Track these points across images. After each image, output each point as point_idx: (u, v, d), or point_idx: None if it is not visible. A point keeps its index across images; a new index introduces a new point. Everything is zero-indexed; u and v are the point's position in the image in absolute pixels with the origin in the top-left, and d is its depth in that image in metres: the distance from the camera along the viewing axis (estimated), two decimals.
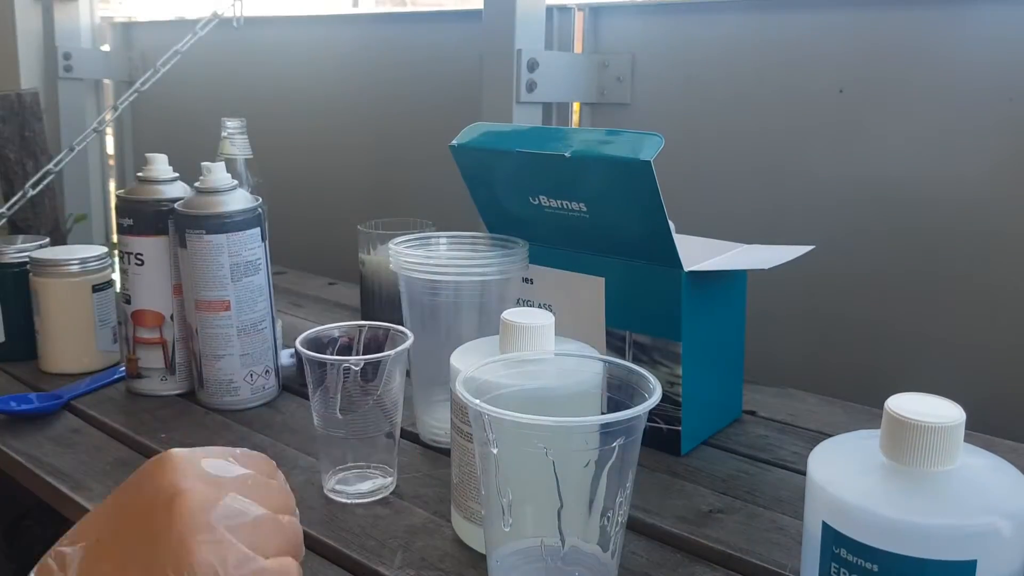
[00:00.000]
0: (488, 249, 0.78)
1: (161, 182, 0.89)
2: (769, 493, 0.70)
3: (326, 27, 1.70)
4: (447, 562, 0.60)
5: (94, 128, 1.31)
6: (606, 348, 0.78)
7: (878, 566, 0.40)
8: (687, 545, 0.63)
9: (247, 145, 1.06)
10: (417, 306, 0.76)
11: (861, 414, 0.86)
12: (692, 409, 0.76)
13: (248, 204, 0.85)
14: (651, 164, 0.68)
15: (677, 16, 1.22)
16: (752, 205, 1.16)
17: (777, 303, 1.12)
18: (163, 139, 1.90)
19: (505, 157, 0.77)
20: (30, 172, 1.47)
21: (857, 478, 0.43)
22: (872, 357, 1.09)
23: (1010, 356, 1.00)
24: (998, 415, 0.93)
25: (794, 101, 1.12)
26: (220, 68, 1.81)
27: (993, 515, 0.40)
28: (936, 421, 0.41)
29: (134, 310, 0.89)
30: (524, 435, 0.50)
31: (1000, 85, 0.97)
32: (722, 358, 0.81)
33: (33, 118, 1.53)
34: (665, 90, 1.23)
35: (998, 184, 0.99)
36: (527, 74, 1.20)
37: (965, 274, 1.02)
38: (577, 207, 0.75)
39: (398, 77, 1.53)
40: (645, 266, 0.74)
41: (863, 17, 1.06)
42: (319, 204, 1.69)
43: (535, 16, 1.22)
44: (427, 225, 1.10)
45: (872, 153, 1.06)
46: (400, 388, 0.70)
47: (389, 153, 1.57)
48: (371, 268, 1.11)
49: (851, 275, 1.09)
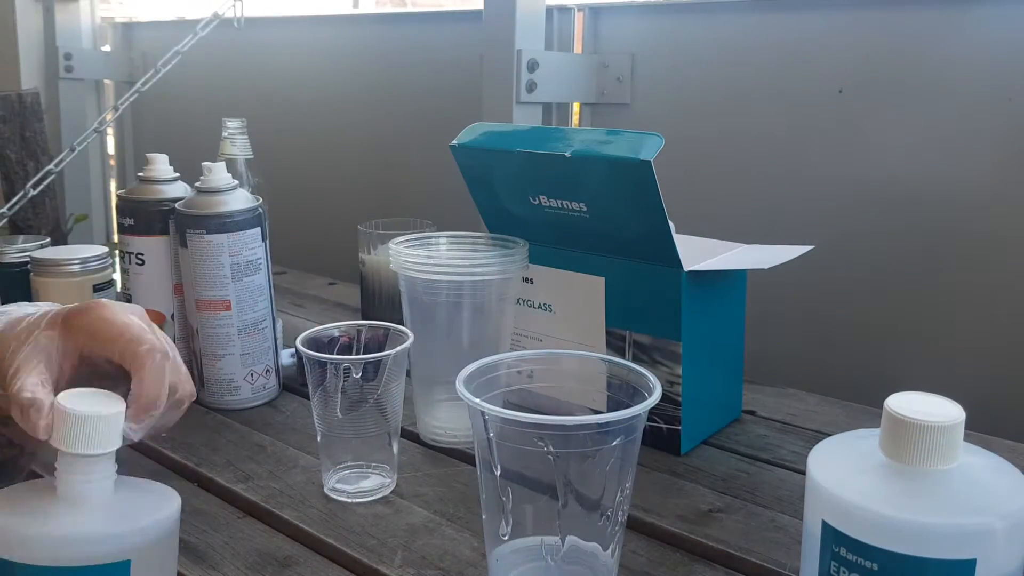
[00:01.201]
0: (488, 249, 0.79)
1: (162, 182, 0.89)
2: (769, 492, 0.70)
3: (326, 27, 1.70)
4: (447, 561, 0.60)
5: (95, 128, 1.31)
6: (606, 348, 0.78)
7: (878, 565, 0.40)
8: (687, 544, 0.63)
9: (248, 145, 1.06)
10: (417, 306, 0.76)
11: (861, 414, 0.86)
12: (692, 409, 0.76)
13: (249, 204, 0.85)
14: (651, 164, 0.68)
15: (677, 16, 1.22)
16: (752, 205, 1.17)
17: (777, 303, 1.12)
18: (164, 139, 1.91)
19: (505, 157, 0.77)
20: (31, 172, 1.47)
21: (857, 477, 0.43)
22: (872, 357, 1.09)
23: (1010, 356, 1.00)
24: (998, 415, 0.93)
25: (794, 101, 1.12)
26: (221, 68, 1.81)
27: (992, 514, 0.40)
28: (936, 420, 0.41)
29: None
30: (524, 434, 0.50)
31: (999, 85, 0.97)
32: (722, 358, 0.81)
33: (34, 118, 1.53)
34: (665, 90, 1.23)
35: (998, 184, 0.99)
36: (527, 74, 1.21)
37: (965, 273, 1.02)
38: (577, 207, 0.75)
39: (398, 77, 1.53)
40: (645, 266, 0.74)
41: (863, 17, 1.06)
42: (319, 204, 1.69)
43: (535, 16, 1.23)
44: (427, 225, 1.10)
45: (872, 153, 1.06)
46: (400, 388, 0.70)
47: (389, 153, 1.57)
48: (371, 268, 1.11)
49: (851, 275, 1.09)
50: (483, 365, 0.58)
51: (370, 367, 0.67)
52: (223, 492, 0.70)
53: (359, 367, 0.67)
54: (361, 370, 0.67)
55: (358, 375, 0.67)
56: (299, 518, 0.66)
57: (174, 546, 0.50)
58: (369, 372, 0.67)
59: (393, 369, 0.68)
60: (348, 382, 0.67)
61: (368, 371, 0.67)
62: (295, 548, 0.63)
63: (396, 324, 0.72)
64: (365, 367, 0.67)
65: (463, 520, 0.65)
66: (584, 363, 0.61)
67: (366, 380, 0.67)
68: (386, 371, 0.68)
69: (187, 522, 0.65)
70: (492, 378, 0.59)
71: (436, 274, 0.73)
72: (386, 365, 0.68)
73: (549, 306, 0.81)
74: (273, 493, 0.70)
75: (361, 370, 0.67)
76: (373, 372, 0.68)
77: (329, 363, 0.67)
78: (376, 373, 0.68)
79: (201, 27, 1.28)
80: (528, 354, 0.61)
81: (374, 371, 0.68)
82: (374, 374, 0.68)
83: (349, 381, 0.67)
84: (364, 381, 0.67)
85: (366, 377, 0.67)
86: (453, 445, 0.76)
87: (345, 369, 0.67)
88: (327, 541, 0.63)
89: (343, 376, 0.67)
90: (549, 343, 0.81)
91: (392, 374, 0.68)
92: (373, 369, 0.67)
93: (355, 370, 0.67)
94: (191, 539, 0.63)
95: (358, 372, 0.67)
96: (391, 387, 0.68)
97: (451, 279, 0.73)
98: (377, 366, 0.67)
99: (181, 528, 0.50)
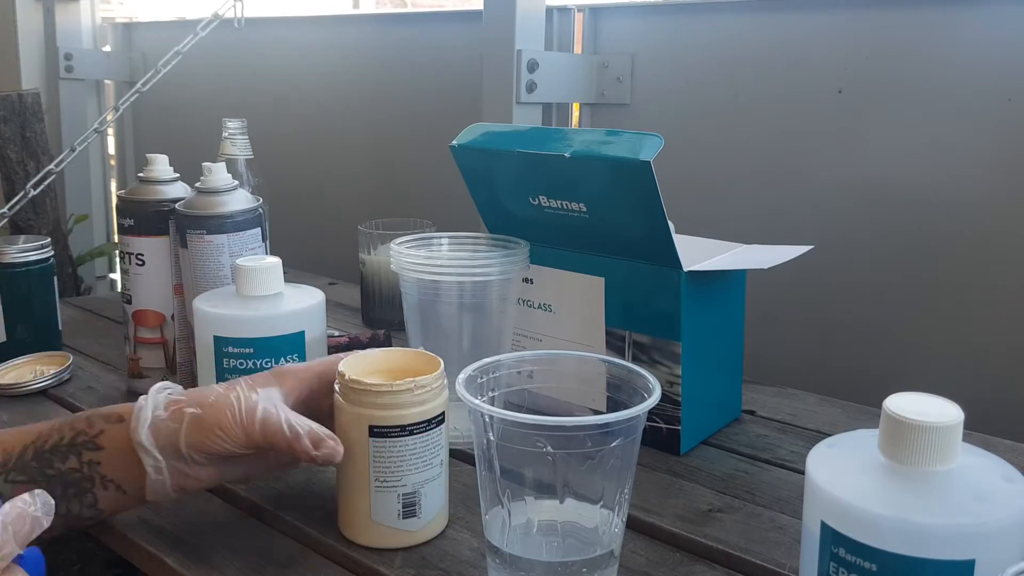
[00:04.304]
0: (489, 250, 0.79)
1: (162, 182, 0.89)
2: (768, 492, 0.70)
3: (326, 28, 1.70)
4: (447, 561, 0.60)
5: (95, 128, 1.31)
6: (606, 348, 0.78)
7: (877, 565, 0.41)
8: (686, 544, 0.63)
9: (248, 145, 1.06)
10: (418, 307, 0.76)
11: (860, 414, 0.86)
12: (691, 409, 0.76)
13: (249, 204, 0.85)
14: (651, 164, 0.68)
15: (677, 16, 1.22)
16: (751, 205, 1.17)
17: (776, 303, 1.12)
18: (164, 139, 1.91)
19: (505, 157, 0.77)
20: (31, 172, 1.47)
21: (856, 478, 0.43)
22: (871, 357, 1.09)
23: (1009, 356, 1.00)
24: (997, 415, 0.93)
25: (793, 102, 1.12)
26: (221, 69, 1.82)
27: (991, 515, 0.40)
28: (935, 421, 0.41)
29: (135, 310, 0.89)
30: (524, 435, 0.51)
31: (999, 86, 0.97)
32: (721, 358, 0.81)
33: (34, 118, 1.54)
34: (665, 90, 1.23)
35: (997, 184, 0.99)
36: (527, 75, 1.21)
37: (964, 274, 1.02)
38: (577, 207, 0.75)
39: (398, 78, 1.53)
40: (645, 266, 0.74)
41: (863, 18, 1.06)
42: (320, 204, 1.69)
43: (535, 17, 1.23)
44: (427, 225, 1.10)
45: (871, 153, 1.06)
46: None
47: (389, 153, 1.57)
48: (371, 268, 1.12)
49: (850, 275, 1.09)
50: (483, 366, 0.58)
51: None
52: (224, 493, 0.70)
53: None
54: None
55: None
56: (300, 519, 0.66)
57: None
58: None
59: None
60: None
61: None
62: (296, 549, 0.63)
63: (396, 324, 0.72)
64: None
65: (463, 520, 0.65)
66: (584, 364, 0.61)
67: None
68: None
69: (187, 523, 0.65)
70: (492, 379, 0.59)
71: (437, 275, 0.73)
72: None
73: (549, 306, 0.81)
74: (274, 494, 0.70)
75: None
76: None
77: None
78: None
79: (201, 27, 1.28)
80: (528, 355, 0.61)
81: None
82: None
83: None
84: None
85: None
86: (454, 445, 0.76)
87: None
88: (327, 542, 0.63)
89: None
90: (549, 343, 0.81)
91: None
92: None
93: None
94: (191, 539, 0.63)
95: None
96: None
97: (452, 280, 0.74)
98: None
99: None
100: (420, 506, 0.61)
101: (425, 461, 0.60)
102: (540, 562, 0.54)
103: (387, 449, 0.59)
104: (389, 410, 0.58)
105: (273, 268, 0.73)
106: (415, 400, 0.59)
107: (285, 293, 0.74)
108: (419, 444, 0.59)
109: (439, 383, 0.61)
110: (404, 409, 0.59)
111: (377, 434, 0.58)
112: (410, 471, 0.60)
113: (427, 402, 0.59)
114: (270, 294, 0.72)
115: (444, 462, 0.62)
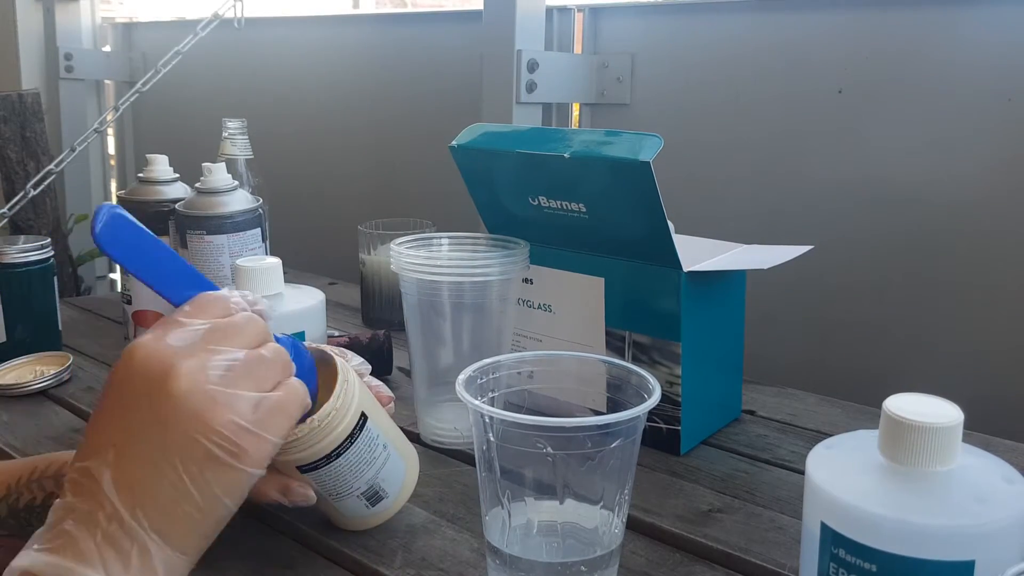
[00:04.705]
0: (489, 250, 0.79)
1: (162, 183, 0.89)
2: (768, 493, 0.70)
3: (326, 28, 1.70)
4: (447, 562, 0.60)
5: (95, 129, 1.31)
6: (606, 348, 0.78)
7: (876, 566, 0.41)
8: (686, 544, 0.63)
9: (248, 146, 1.06)
10: (418, 307, 0.76)
11: (860, 414, 0.86)
12: (691, 409, 0.76)
13: (249, 204, 0.86)
14: (650, 165, 0.68)
15: (677, 16, 1.22)
16: (751, 205, 1.17)
17: (776, 303, 1.12)
18: (164, 140, 1.91)
19: (505, 158, 0.77)
20: (31, 172, 1.47)
21: (856, 478, 0.43)
22: (871, 357, 1.09)
23: (1009, 356, 1.00)
24: (997, 415, 0.93)
25: (793, 102, 1.12)
26: (221, 69, 1.82)
27: (991, 516, 0.40)
28: (934, 421, 0.41)
29: (135, 310, 0.89)
30: (524, 435, 0.51)
31: (999, 86, 0.97)
32: (721, 358, 0.81)
33: (34, 118, 1.54)
34: (665, 90, 1.23)
35: (997, 184, 0.99)
36: (527, 75, 1.21)
37: (964, 274, 1.02)
38: (577, 207, 0.75)
39: (398, 78, 1.53)
40: (645, 266, 0.74)
41: (863, 18, 1.06)
42: (319, 204, 1.69)
43: (535, 17, 1.23)
44: (427, 225, 1.10)
45: (871, 153, 1.06)
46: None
47: (389, 153, 1.57)
48: (371, 268, 1.12)
49: (850, 275, 1.09)
50: (483, 366, 0.58)
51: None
52: None
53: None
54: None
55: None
56: (300, 519, 0.66)
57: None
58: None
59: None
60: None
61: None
62: (296, 549, 0.63)
63: (396, 324, 0.72)
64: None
65: (463, 521, 0.65)
66: (584, 364, 0.61)
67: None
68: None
69: None
70: (492, 379, 0.59)
71: (437, 275, 0.73)
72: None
73: (549, 306, 0.81)
74: None
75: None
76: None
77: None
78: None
79: (201, 27, 1.28)
80: (528, 355, 0.61)
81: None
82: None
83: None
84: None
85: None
86: (454, 446, 0.77)
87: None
88: (327, 541, 0.63)
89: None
90: (549, 343, 0.81)
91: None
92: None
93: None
94: None
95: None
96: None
97: (452, 280, 0.74)
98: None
99: None
100: (384, 490, 0.60)
101: (367, 461, 0.58)
102: (540, 563, 0.54)
103: (324, 474, 0.57)
104: (304, 451, 0.55)
105: (273, 268, 0.73)
106: (325, 431, 0.55)
107: (285, 293, 0.74)
108: (353, 455, 0.57)
109: (342, 399, 0.56)
110: (318, 444, 0.55)
111: (308, 469, 0.57)
112: (357, 477, 0.58)
113: (338, 425, 0.55)
114: (270, 294, 0.72)
115: (387, 444, 0.60)
